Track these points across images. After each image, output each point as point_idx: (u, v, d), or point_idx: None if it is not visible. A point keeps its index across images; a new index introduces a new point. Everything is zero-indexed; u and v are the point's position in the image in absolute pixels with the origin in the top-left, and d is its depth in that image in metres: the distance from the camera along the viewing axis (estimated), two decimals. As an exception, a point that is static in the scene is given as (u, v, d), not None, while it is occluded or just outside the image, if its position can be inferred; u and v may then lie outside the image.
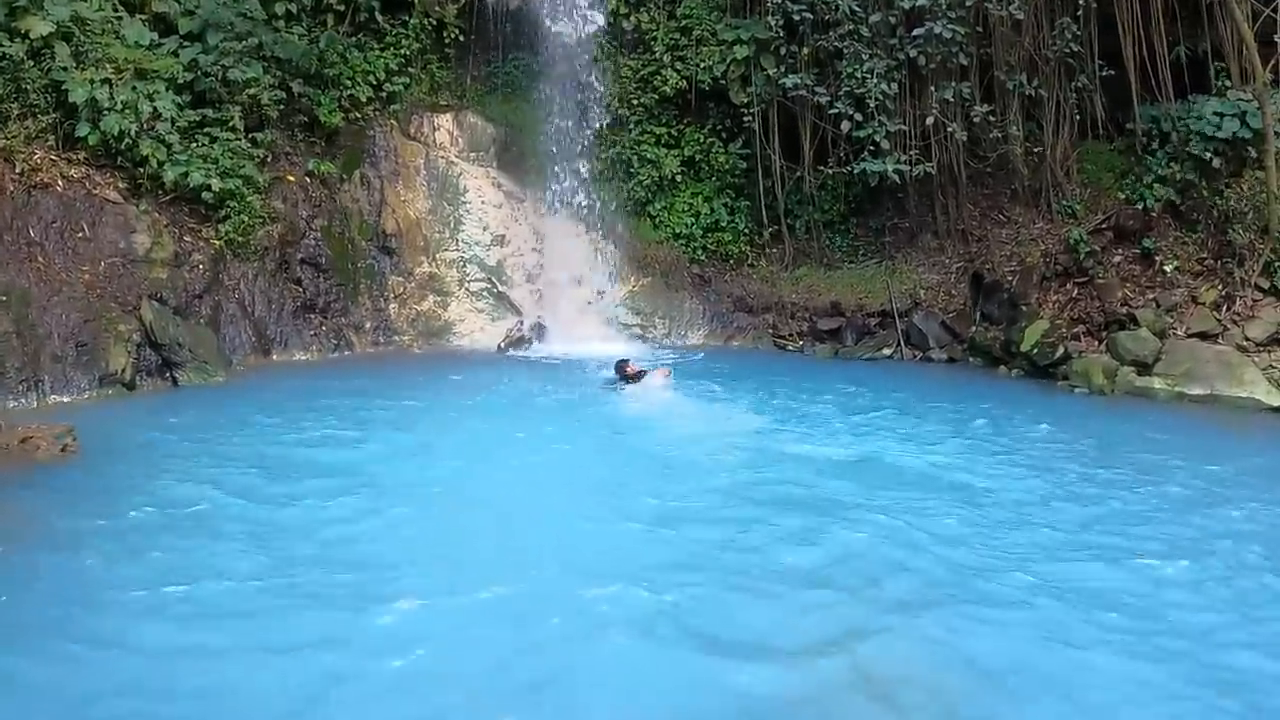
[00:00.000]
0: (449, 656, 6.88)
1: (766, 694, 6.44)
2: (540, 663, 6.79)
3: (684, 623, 7.39)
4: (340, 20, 20.28)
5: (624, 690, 6.51)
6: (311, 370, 17.69)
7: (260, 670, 6.63)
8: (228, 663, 6.71)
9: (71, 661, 6.69)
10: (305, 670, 6.64)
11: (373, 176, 20.93)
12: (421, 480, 11.15)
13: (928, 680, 6.68)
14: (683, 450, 12.62)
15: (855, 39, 20.26)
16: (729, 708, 6.27)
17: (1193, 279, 18.22)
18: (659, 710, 6.29)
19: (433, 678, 6.57)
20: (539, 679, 6.56)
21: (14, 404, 13.55)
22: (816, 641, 7.16)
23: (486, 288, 21.67)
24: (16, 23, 15.67)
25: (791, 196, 22.62)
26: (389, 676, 6.57)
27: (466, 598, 7.80)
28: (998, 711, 6.32)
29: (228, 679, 6.52)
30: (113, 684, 6.44)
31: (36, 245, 15.02)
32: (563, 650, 6.99)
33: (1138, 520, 9.94)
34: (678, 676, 6.64)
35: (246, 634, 7.12)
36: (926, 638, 7.25)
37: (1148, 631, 7.37)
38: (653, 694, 6.44)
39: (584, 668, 6.75)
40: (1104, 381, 16.80)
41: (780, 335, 21.81)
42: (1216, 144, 18.10)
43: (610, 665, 6.82)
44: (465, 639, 7.13)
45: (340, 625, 7.30)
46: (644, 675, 6.68)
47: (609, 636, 7.17)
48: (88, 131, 15.99)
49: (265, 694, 6.35)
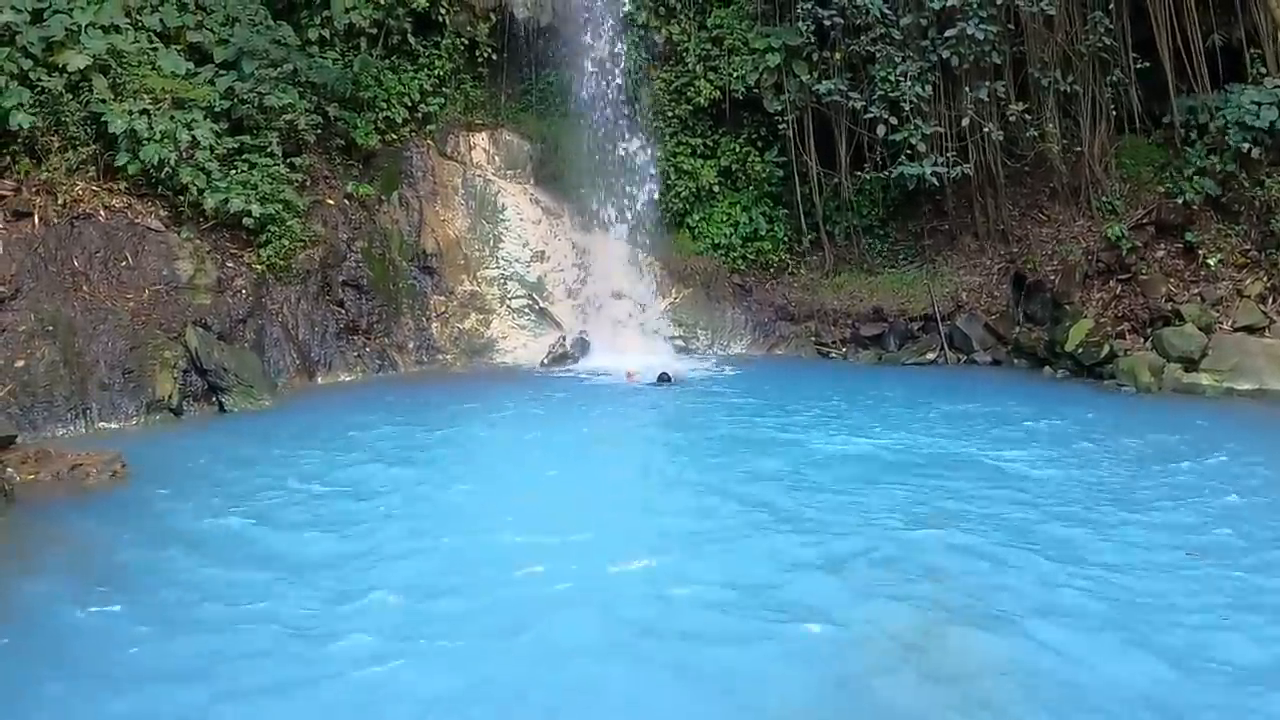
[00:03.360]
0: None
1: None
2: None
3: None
4: (373, 43, 20.41)
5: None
6: (356, 392, 17.77)
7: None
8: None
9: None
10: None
11: (411, 197, 21.03)
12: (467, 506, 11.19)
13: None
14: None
15: (887, 42, 20.22)
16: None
17: (1237, 272, 18.04)
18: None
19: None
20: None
21: (63, 431, 13.71)
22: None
23: (528, 304, 21.72)
24: (54, 57, 15.89)
25: (829, 203, 22.56)
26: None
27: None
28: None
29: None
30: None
31: (81, 275, 15.21)
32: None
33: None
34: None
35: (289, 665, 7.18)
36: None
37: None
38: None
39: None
40: (1151, 379, 16.65)
41: (823, 343, 21.75)
42: (1256, 133, 17.92)
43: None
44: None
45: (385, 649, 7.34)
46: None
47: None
48: (127, 161, 16.18)
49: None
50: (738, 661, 7.06)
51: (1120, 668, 6.91)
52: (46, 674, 6.93)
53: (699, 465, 12.70)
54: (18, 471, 11.09)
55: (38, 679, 6.86)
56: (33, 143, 15.63)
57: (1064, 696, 6.54)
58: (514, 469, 12.83)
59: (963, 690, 6.67)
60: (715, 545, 9.50)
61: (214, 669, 7.04)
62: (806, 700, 6.57)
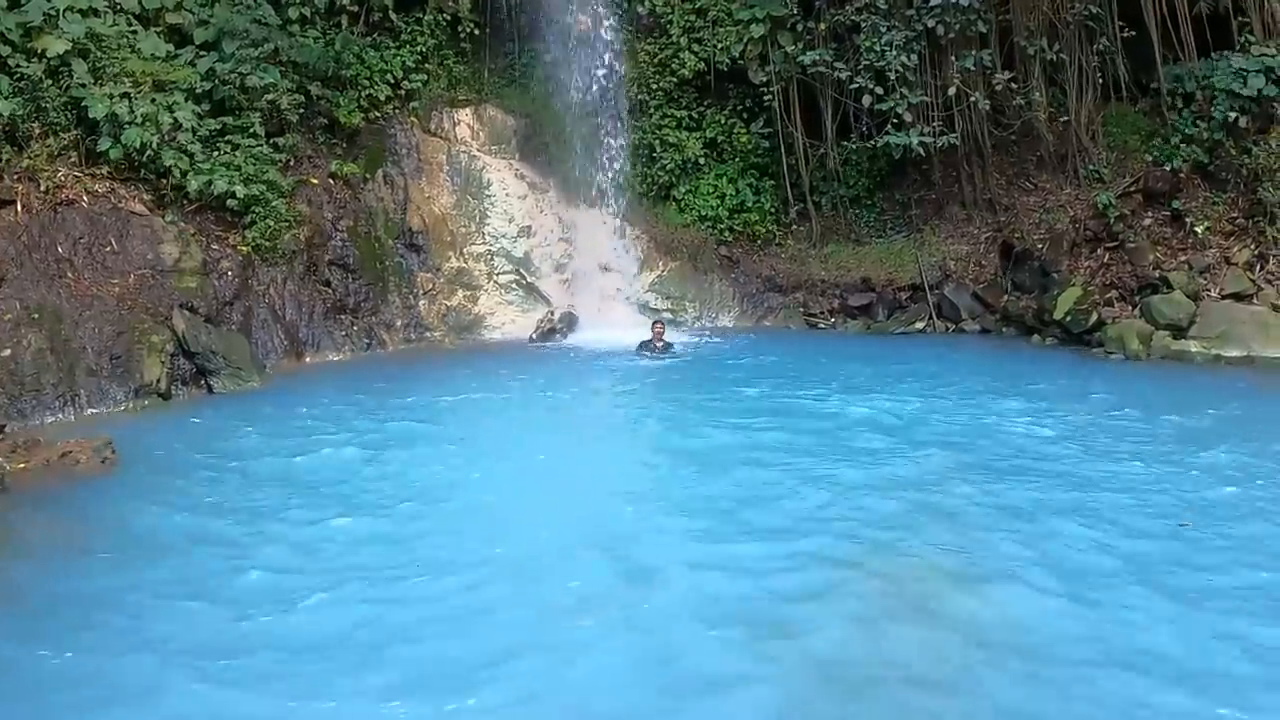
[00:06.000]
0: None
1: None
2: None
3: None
4: (354, 21, 20.26)
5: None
6: (345, 370, 17.71)
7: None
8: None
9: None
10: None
11: (396, 175, 20.92)
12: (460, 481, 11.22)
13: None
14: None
15: (872, 11, 20.14)
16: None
17: (1224, 239, 18.09)
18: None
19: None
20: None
21: (51, 419, 13.62)
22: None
23: (515, 279, 21.67)
24: (33, 43, 15.73)
25: (816, 173, 22.52)
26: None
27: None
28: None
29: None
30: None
31: (65, 261, 15.10)
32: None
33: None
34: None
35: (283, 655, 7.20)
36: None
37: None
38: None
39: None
40: (1139, 347, 16.71)
41: (811, 313, 21.76)
42: (1243, 101, 17.93)
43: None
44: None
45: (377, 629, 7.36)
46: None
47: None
48: (109, 146, 16.05)
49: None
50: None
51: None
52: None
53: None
54: (7, 461, 11.00)
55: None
56: (13, 130, 15.43)
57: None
58: (511, 445, 12.84)
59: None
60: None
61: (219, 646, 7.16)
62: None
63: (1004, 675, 6.60)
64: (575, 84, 22.16)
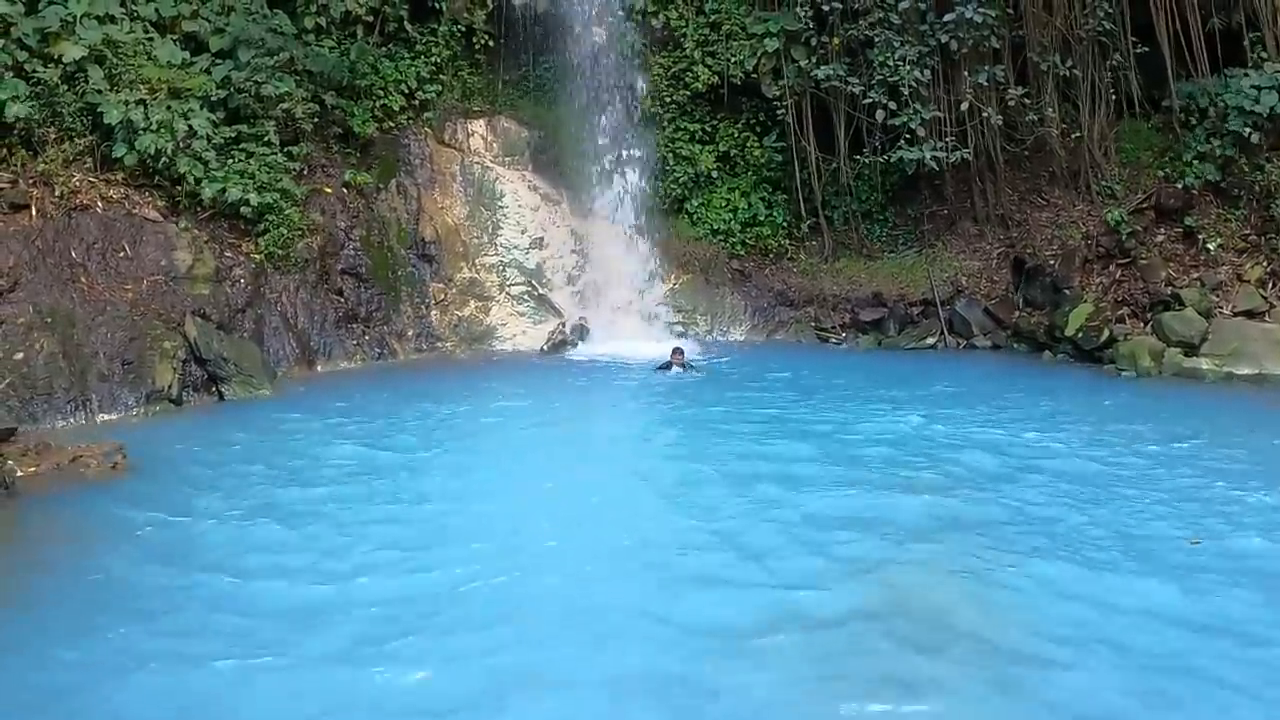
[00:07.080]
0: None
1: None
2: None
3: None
4: (369, 31, 20.38)
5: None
6: (356, 379, 17.72)
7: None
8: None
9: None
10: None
11: (409, 185, 21.00)
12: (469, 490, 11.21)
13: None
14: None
15: (885, 26, 20.15)
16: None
17: (1237, 256, 18.04)
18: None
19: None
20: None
21: (63, 423, 13.67)
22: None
23: (527, 291, 21.69)
24: (49, 48, 15.84)
25: (828, 188, 22.51)
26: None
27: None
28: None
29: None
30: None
31: (79, 266, 15.17)
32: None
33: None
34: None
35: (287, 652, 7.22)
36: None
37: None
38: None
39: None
40: (1151, 364, 16.65)
41: (823, 328, 21.71)
42: (1255, 118, 17.91)
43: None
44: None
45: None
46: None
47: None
48: (124, 152, 16.15)
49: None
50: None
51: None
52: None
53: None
54: (18, 464, 11.05)
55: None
56: (29, 134, 15.58)
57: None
58: (520, 461, 12.79)
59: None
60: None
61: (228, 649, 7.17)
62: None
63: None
64: (588, 96, 22.22)
